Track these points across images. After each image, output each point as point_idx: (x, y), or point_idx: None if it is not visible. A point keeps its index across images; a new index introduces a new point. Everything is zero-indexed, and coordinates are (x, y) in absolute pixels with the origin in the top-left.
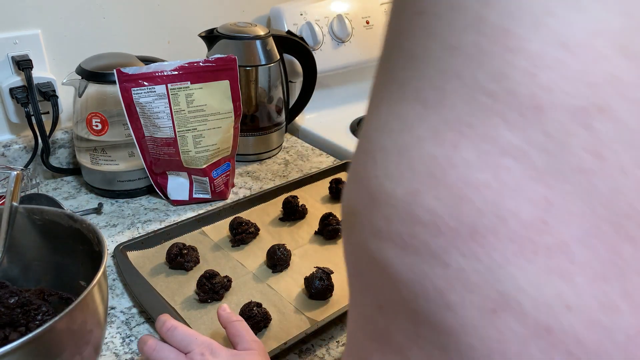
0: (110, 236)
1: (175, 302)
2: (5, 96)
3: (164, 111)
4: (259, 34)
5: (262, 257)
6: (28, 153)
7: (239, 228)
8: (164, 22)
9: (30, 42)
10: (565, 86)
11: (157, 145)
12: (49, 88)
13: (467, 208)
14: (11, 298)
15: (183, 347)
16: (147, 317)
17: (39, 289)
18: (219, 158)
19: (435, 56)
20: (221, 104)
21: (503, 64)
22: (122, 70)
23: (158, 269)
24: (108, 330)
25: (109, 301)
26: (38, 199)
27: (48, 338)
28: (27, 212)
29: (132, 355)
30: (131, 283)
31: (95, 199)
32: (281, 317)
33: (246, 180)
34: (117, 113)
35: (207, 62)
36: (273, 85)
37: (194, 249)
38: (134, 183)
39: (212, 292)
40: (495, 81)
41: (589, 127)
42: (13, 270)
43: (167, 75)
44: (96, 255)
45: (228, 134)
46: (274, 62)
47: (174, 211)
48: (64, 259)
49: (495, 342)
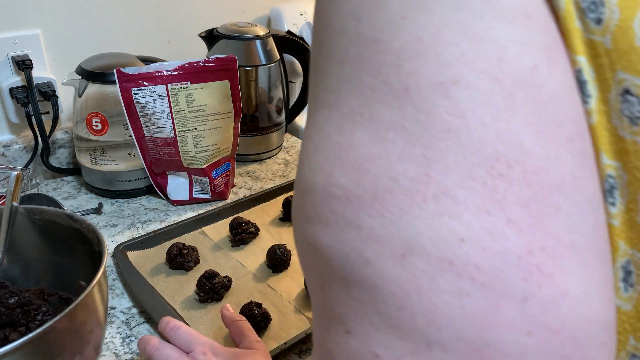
0: (110, 236)
1: (175, 302)
2: (5, 96)
3: (164, 111)
4: (259, 34)
5: (262, 257)
6: (28, 153)
7: (239, 228)
8: (164, 22)
9: (30, 42)
10: (424, 69)
11: (157, 145)
12: (49, 88)
13: (367, 177)
14: (11, 298)
15: (185, 347)
16: (147, 317)
17: (39, 289)
18: (219, 158)
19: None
20: (221, 104)
21: (377, 64)
22: (122, 70)
23: (158, 269)
24: (108, 330)
25: (109, 301)
26: (38, 199)
27: (48, 338)
28: (27, 212)
29: (132, 355)
30: (131, 283)
31: (95, 199)
32: (281, 317)
33: (246, 180)
34: (117, 113)
35: (207, 62)
36: (273, 85)
37: (194, 249)
38: (134, 183)
39: (212, 292)
40: (373, 77)
41: (448, 96)
42: (13, 270)
43: (167, 75)
44: (96, 255)
45: (228, 134)
46: (274, 62)
47: (174, 211)
48: (64, 259)
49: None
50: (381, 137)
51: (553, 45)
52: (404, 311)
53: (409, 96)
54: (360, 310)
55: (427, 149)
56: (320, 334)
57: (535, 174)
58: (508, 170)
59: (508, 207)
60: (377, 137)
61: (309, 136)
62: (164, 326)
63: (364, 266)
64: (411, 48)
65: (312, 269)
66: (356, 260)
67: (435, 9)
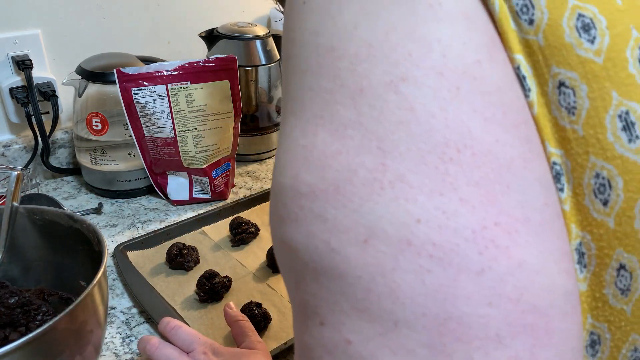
0: (110, 236)
1: (175, 302)
2: (5, 96)
3: (164, 111)
4: (259, 34)
5: (262, 257)
6: (28, 153)
7: (239, 228)
8: (164, 22)
9: (30, 42)
10: (375, 70)
11: (157, 145)
12: (49, 88)
13: (329, 172)
14: (11, 298)
15: (186, 347)
16: (147, 317)
17: (39, 289)
18: (219, 158)
19: (296, 81)
20: (221, 104)
21: (334, 69)
22: (122, 70)
23: (158, 269)
24: (108, 330)
25: (109, 301)
26: (38, 199)
27: (48, 338)
28: (28, 212)
29: (132, 355)
30: (131, 283)
31: (95, 199)
32: (281, 317)
33: (246, 180)
34: (117, 113)
35: (207, 62)
36: (273, 85)
37: (194, 249)
38: (134, 183)
39: (212, 292)
40: (331, 82)
41: (398, 92)
42: (13, 270)
43: (167, 75)
44: (96, 255)
45: (228, 134)
46: (274, 62)
47: (174, 211)
48: (64, 259)
49: (372, 266)
50: (340, 134)
51: (492, 44)
52: (370, 293)
53: (363, 95)
54: (331, 300)
55: (381, 140)
56: (299, 331)
57: (484, 156)
58: (457, 154)
59: (460, 187)
60: (337, 135)
61: (280, 143)
62: (164, 326)
63: (330, 255)
64: (363, 52)
65: (287, 267)
66: (324, 250)
67: (383, 16)
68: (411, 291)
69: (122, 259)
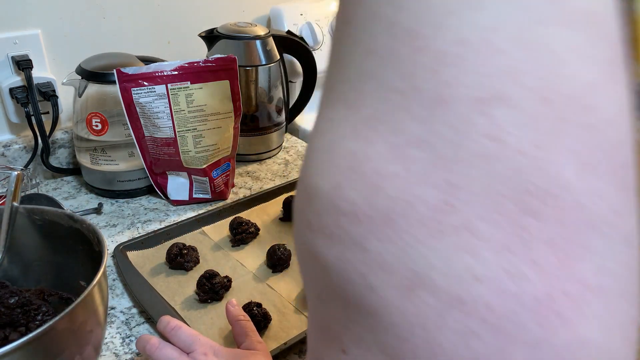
0: (110, 236)
1: (175, 302)
2: (5, 96)
3: (164, 111)
4: (259, 34)
5: (262, 257)
6: (28, 153)
7: (239, 228)
8: (164, 22)
9: (30, 42)
10: (464, 80)
11: (157, 145)
12: (49, 88)
13: (381, 197)
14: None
15: (186, 347)
16: (147, 317)
17: (39, 289)
18: (219, 158)
19: (356, 60)
20: (221, 104)
21: (410, 64)
22: (122, 70)
23: (158, 269)
24: (108, 330)
25: (109, 301)
26: (38, 199)
27: (48, 338)
28: (28, 212)
29: (132, 356)
30: (131, 283)
31: (95, 199)
32: (281, 317)
33: (246, 180)
34: (117, 113)
35: (207, 62)
36: (273, 85)
37: (194, 249)
38: (134, 183)
39: (212, 292)
40: (403, 79)
41: (488, 115)
42: (13, 270)
43: (167, 75)
44: (96, 255)
45: (228, 134)
46: (274, 62)
47: (174, 211)
48: (64, 259)
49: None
50: (402, 152)
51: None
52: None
53: (442, 109)
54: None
55: (452, 173)
56: (316, 344)
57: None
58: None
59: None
60: (398, 153)
61: (320, 131)
62: (164, 326)
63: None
64: (453, 50)
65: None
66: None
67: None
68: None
69: (122, 259)
